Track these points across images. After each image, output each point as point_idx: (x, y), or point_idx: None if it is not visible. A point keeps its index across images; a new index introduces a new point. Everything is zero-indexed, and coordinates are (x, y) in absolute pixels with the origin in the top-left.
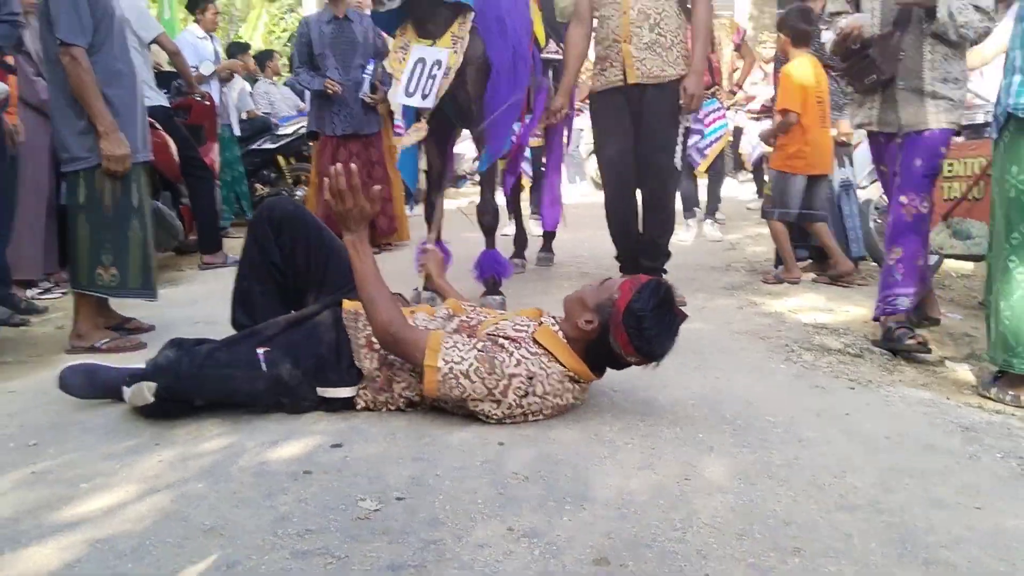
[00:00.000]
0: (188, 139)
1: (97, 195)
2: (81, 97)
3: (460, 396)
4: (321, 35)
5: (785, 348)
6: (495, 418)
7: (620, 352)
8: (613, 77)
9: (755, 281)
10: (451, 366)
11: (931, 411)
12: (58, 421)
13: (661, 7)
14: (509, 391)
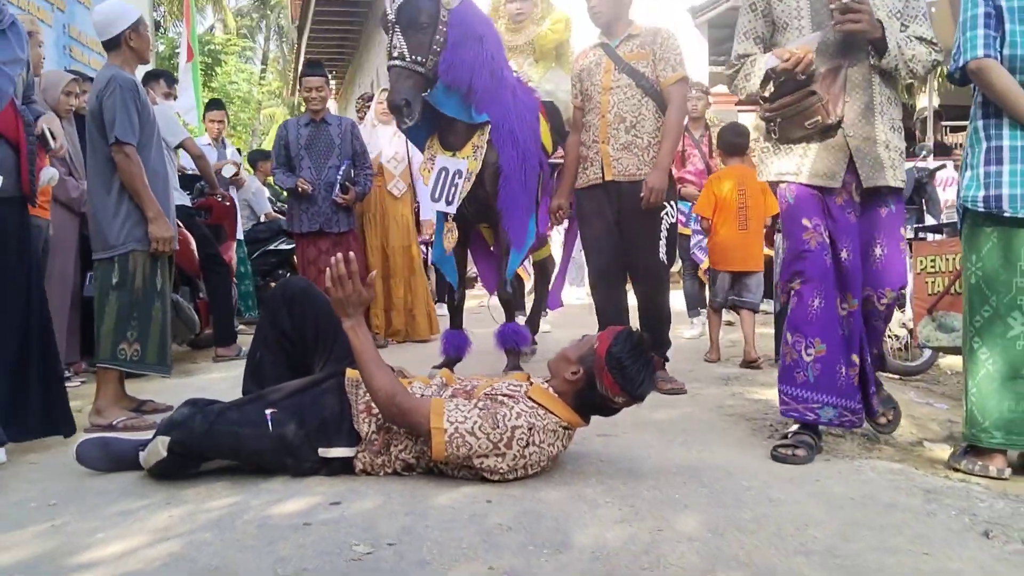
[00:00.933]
0: (208, 237)
1: (130, 276)
2: (132, 188)
3: (467, 454)
4: (298, 137)
5: (769, 427)
6: (500, 472)
7: (607, 395)
8: (592, 175)
9: (750, 373)
10: (456, 426)
11: (897, 478)
12: (76, 486)
13: (638, 111)
14: (513, 442)
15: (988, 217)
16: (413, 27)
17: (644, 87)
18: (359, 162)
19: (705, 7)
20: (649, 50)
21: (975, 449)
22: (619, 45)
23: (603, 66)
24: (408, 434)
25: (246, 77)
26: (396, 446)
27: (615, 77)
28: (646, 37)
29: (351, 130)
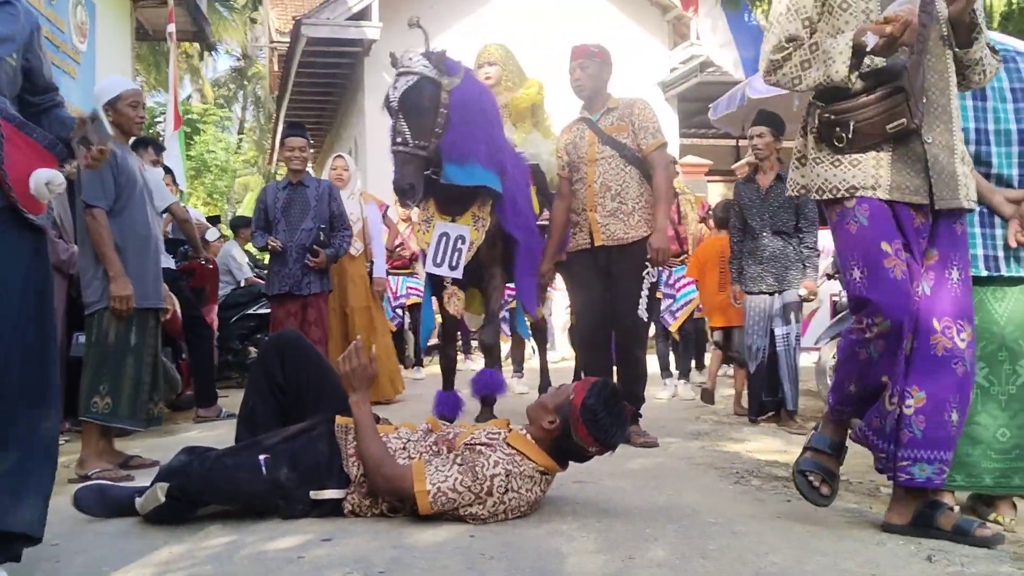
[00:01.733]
0: (191, 299)
1: (103, 333)
2: (98, 249)
3: (452, 508)
4: (276, 200)
5: (736, 475)
6: (482, 518)
7: (582, 444)
8: (582, 241)
9: (721, 428)
10: (438, 486)
11: (854, 516)
12: (74, 529)
13: (622, 179)
14: (493, 489)
15: None
16: (416, 112)
17: (627, 156)
18: (336, 224)
19: (675, 82)
20: (627, 122)
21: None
22: (599, 119)
23: (587, 139)
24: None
25: (224, 146)
26: None
27: (599, 149)
28: (623, 110)
29: (328, 192)
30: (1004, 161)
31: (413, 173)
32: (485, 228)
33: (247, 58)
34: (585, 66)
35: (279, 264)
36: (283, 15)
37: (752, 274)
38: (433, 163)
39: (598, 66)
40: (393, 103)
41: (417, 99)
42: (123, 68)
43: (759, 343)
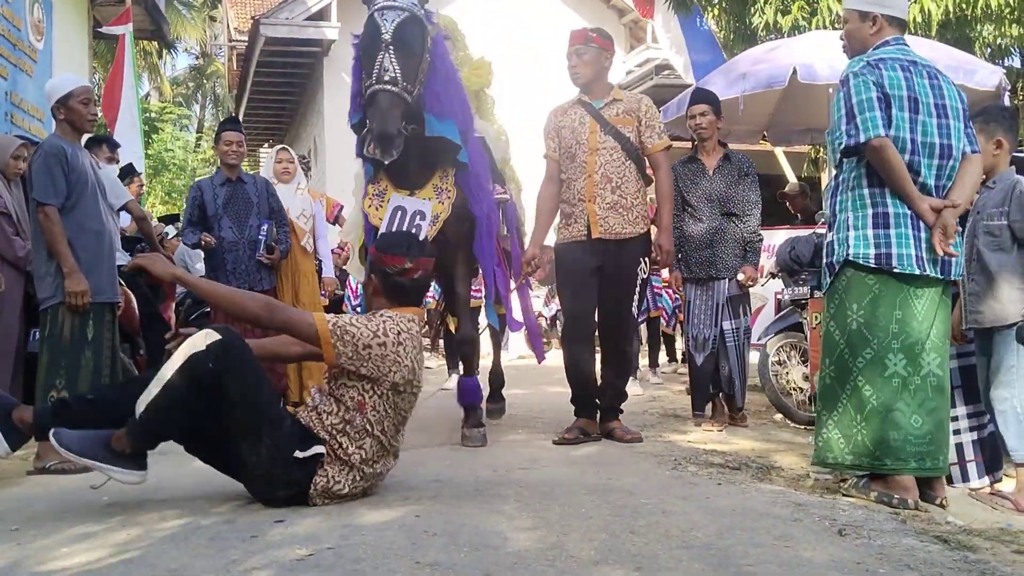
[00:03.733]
0: (148, 296)
1: (58, 328)
2: (52, 246)
3: (353, 344)
4: (215, 197)
5: (674, 461)
6: (384, 374)
7: (391, 270)
8: (577, 232)
9: (667, 421)
10: (336, 320)
11: (777, 497)
12: (33, 514)
13: (622, 172)
14: (389, 332)
15: (871, 271)
16: (407, 51)
17: (628, 150)
18: (277, 220)
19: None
20: (635, 116)
21: (873, 477)
22: (603, 107)
23: (588, 126)
24: (338, 400)
25: (182, 145)
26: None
27: (601, 138)
28: (631, 104)
29: (266, 188)
30: (929, 172)
31: (399, 119)
32: (451, 201)
33: (206, 56)
34: (581, 52)
35: (231, 263)
36: (242, 14)
37: (699, 260)
38: (409, 116)
39: (595, 52)
40: (386, 35)
41: (410, 37)
42: (80, 66)
43: (707, 333)
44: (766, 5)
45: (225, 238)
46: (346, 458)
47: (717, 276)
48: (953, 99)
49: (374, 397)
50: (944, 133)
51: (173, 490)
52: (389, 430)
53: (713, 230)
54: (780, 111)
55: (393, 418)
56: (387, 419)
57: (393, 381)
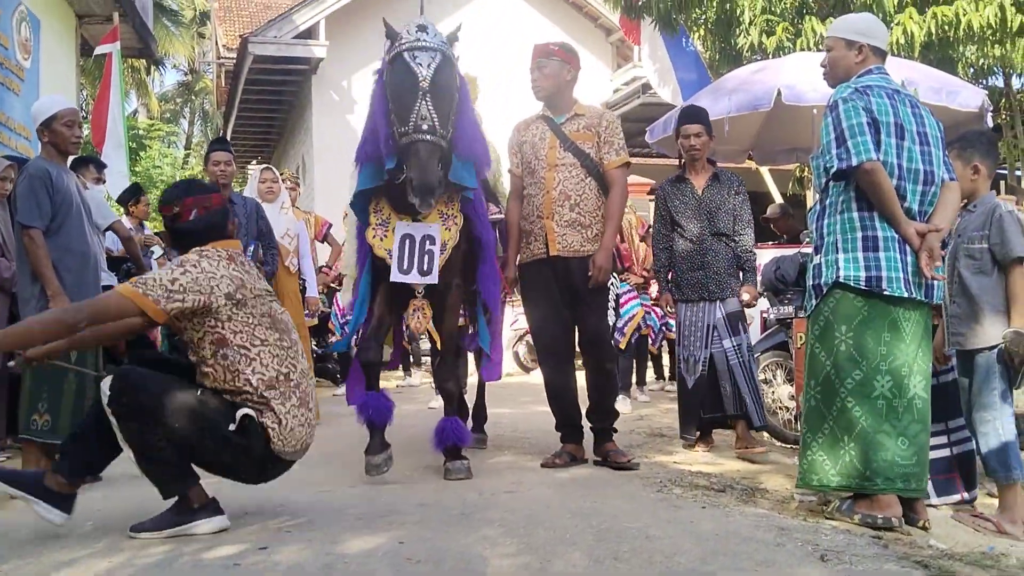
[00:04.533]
0: None
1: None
2: (36, 269)
3: (162, 286)
4: None
5: (659, 483)
6: (204, 282)
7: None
8: (537, 250)
9: (653, 441)
10: (137, 279)
11: (761, 520)
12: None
13: (582, 189)
14: (187, 260)
15: (861, 294)
16: (444, 97)
17: (588, 167)
18: (265, 242)
19: (618, 103)
20: (594, 132)
21: (857, 498)
22: (564, 123)
23: (547, 142)
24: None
25: (170, 162)
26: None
27: (560, 155)
28: (591, 119)
29: (256, 210)
30: (913, 197)
31: (438, 167)
32: (458, 228)
33: (194, 73)
34: (542, 65)
35: None
36: (230, 31)
37: (691, 281)
38: (442, 161)
39: (557, 65)
40: (423, 83)
41: (446, 82)
42: (68, 84)
43: (697, 355)
44: (751, 27)
45: None
46: (260, 396)
47: (709, 298)
48: (932, 127)
49: (224, 323)
50: (927, 160)
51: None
52: (269, 338)
53: (703, 250)
54: (765, 131)
55: (259, 326)
56: (255, 331)
57: (224, 295)
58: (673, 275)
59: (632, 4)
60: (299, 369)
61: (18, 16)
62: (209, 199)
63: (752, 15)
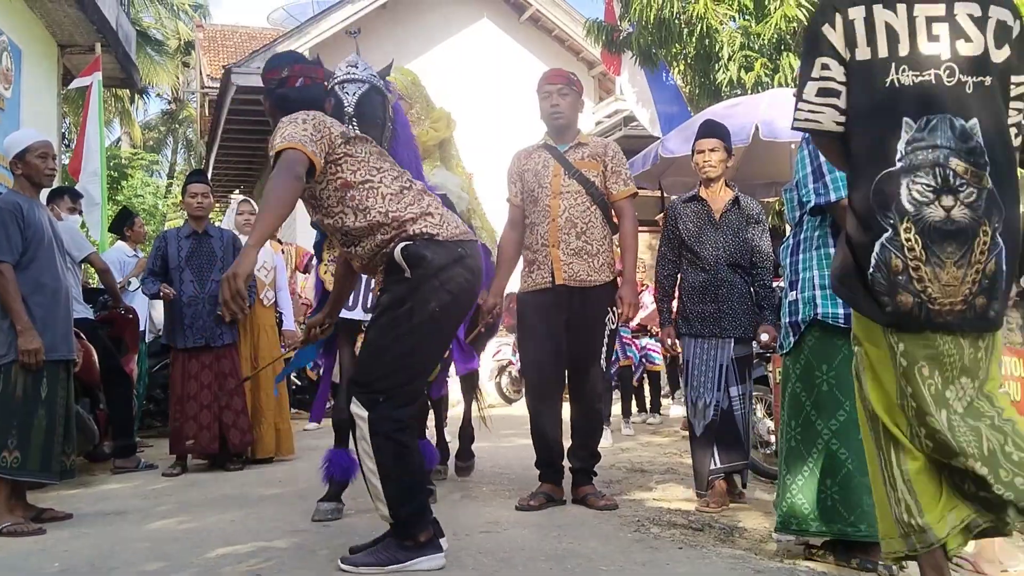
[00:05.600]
0: (110, 349)
1: (11, 386)
2: (4, 302)
3: (307, 131)
4: (179, 249)
5: (637, 523)
6: (320, 127)
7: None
8: (541, 279)
9: (633, 476)
10: (279, 133)
11: (737, 563)
12: None
13: (587, 217)
14: (293, 117)
15: (840, 332)
16: (371, 123)
17: (593, 195)
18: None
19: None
20: (600, 161)
21: (840, 543)
22: (568, 151)
23: (551, 169)
24: (335, 211)
25: (152, 190)
26: None
27: (565, 182)
28: (596, 148)
29: (232, 243)
30: None
31: None
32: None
33: (178, 101)
34: (565, 93)
35: (190, 317)
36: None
37: (701, 314)
38: None
39: (575, 97)
40: (348, 108)
41: (371, 109)
42: (49, 114)
43: (707, 398)
44: (730, 62)
45: (185, 292)
46: (395, 222)
47: (722, 334)
48: None
49: (342, 165)
50: None
51: (126, 555)
52: (383, 165)
53: (718, 282)
54: (744, 165)
55: (370, 157)
56: (369, 161)
57: (339, 133)
58: (680, 306)
59: (613, 39)
60: (425, 193)
61: None
62: (316, 71)
63: (731, 51)
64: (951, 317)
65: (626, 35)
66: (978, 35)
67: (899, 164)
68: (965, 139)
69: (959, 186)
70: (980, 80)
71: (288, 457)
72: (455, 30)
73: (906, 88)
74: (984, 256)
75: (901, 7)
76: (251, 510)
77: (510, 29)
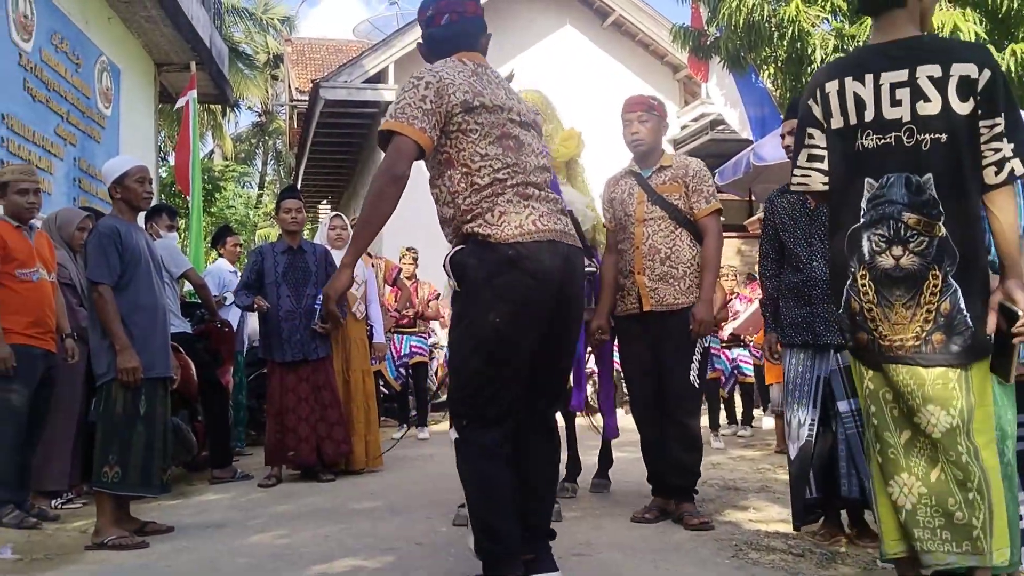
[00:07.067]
0: (207, 362)
1: (112, 404)
2: (104, 324)
3: (421, 106)
4: (275, 264)
5: (734, 547)
6: (445, 90)
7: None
8: (630, 305)
9: (727, 495)
10: (395, 107)
11: None
12: None
13: (672, 242)
14: (422, 72)
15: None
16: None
17: (677, 219)
18: None
19: (686, 139)
20: (681, 182)
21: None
22: (651, 176)
23: (635, 196)
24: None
25: (244, 201)
26: None
27: (648, 208)
28: (678, 169)
29: (325, 257)
30: None
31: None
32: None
33: (268, 114)
34: (644, 119)
35: (287, 331)
36: (303, 74)
37: (794, 320)
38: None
39: (657, 121)
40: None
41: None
42: (146, 130)
43: (803, 416)
44: (823, 64)
45: (283, 307)
46: (460, 221)
47: (815, 342)
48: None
49: (452, 140)
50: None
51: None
52: (490, 151)
53: (812, 280)
54: None
55: (484, 139)
56: (478, 145)
57: (460, 102)
58: (778, 312)
59: (700, 44)
60: (526, 170)
61: (99, 66)
62: (464, 5)
63: (824, 53)
64: (903, 352)
65: (713, 39)
66: (936, 95)
67: (862, 220)
68: (919, 193)
69: (909, 236)
70: (937, 137)
71: (377, 468)
72: (538, 38)
73: (870, 151)
74: (936, 297)
75: (868, 77)
76: (345, 525)
77: (593, 35)
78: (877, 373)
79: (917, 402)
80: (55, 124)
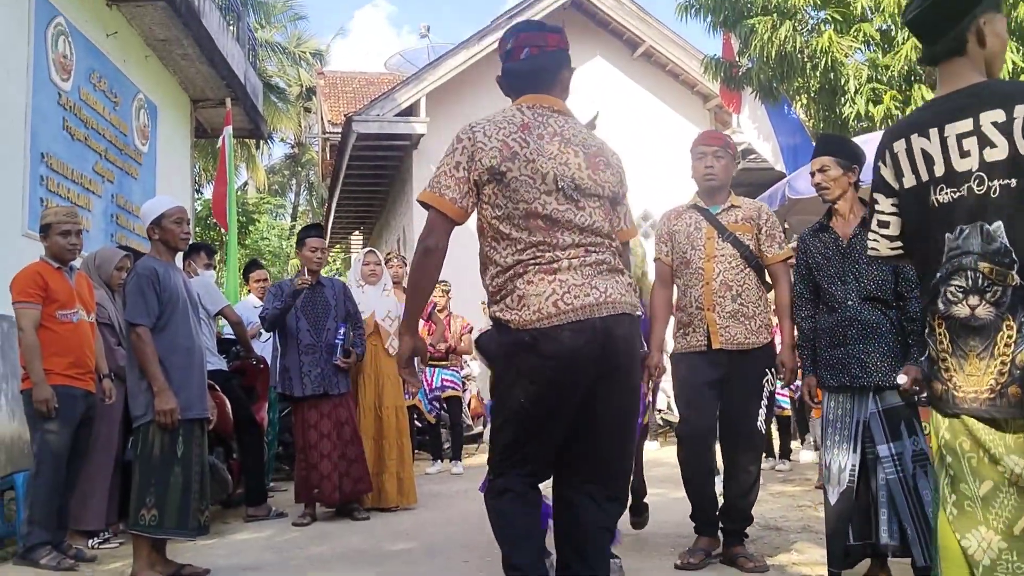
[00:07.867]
0: (242, 399)
1: (149, 445)
2: (142, 365)
3: (453, 174)
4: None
5: None
6: (475, 150)
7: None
8: (696, 342)
9: (768, 535)
10: (433, 180)
11: None
12: None
13: (742, 280)
14: (464, 129)
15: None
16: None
17: (747, 258)
18: (353, 323)
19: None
20: (754, 224)
21: None
22: (720, 213)
23: (704, 232)
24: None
25: (277, 233)
26: None
27: (719, 245)
28: (750, 211)
29: (344, 292)
30: None
31: None
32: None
33: (301, 145)
34: (720, 156)
35: (308, 365)
36: (335, 107)
37: (830, 361)
38: None
39: (730, 160)
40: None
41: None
42: (183, 166)
43: (843, 460)
44: (857, 95)
45: (302, 340)
46: (490, 299)
47: (852, 384)
48: None
49: (484, 208)
50: None
51: None
52: (513, 233)
53: (847, 320)
54: None
55: (508, 218)
56: (502, 224)
57: (486, 168)
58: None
59: (732, 75)
60: (556, 246)
61: (137, 104)
62: (544, 38)
63: (857, 84)
64: (977, 404)
65: (745, 71)
66: (1003, 140)
67: (939, 274)
68: (990, 241)
69: (985, 287)
70: (1006, 183)
71: (411, 506)
72: None
73: (944, 205)
74: (1010, 348)
75: (933, 131)
76: (381, 568)
77: (623, 65)
78: (954, 422)
79: (1000, 451)
80: (93, 162)
